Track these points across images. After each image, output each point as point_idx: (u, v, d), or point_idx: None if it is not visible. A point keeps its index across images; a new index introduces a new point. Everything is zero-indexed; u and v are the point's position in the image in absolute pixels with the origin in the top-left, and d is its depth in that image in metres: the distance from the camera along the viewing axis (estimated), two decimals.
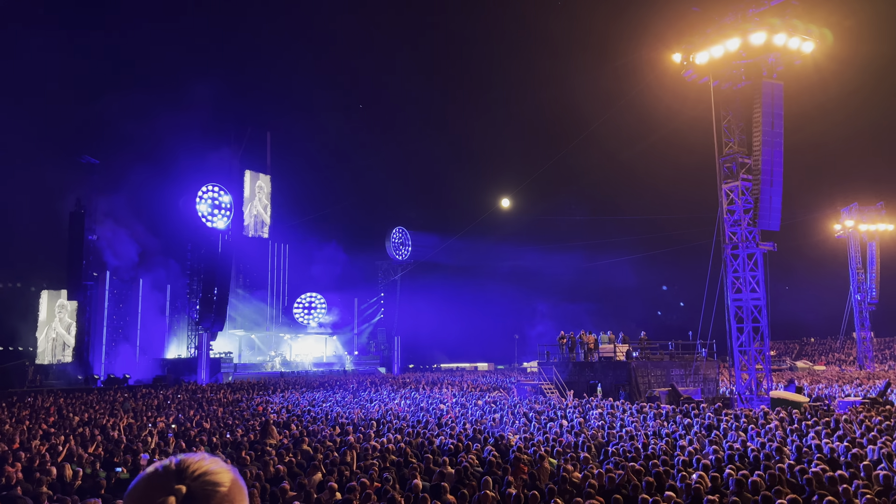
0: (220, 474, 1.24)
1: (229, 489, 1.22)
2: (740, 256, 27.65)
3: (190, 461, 1.23)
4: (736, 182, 27.81)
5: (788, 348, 79.72)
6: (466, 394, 29.88)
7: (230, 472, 1.26)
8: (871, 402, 23.48)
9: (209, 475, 1.22)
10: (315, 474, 10.61)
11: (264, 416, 20.16)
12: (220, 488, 1.21)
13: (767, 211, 27.00)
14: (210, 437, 15.72)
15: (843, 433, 13.92)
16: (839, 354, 70.65)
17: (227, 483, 1.23)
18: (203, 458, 1.25)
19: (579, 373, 32.21)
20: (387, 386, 37.49)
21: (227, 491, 1.22)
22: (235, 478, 1.26)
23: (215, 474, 1.23)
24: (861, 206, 59.96)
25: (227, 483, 1.23)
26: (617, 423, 17.32)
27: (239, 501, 1.24)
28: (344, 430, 17.04)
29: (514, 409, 21.32)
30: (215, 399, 27.67)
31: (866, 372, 46.52)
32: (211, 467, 1.24)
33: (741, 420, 17.31)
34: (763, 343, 27.41)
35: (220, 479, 1.23)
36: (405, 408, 22.85)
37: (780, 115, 27.08)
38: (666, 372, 31.41)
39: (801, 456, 11.68)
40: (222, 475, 1.24)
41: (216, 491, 1.20)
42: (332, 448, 13.66)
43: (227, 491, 1.21)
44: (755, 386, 27.00)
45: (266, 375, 55.08)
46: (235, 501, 1.23)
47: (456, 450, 13.02)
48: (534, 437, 14.99)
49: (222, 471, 1.24)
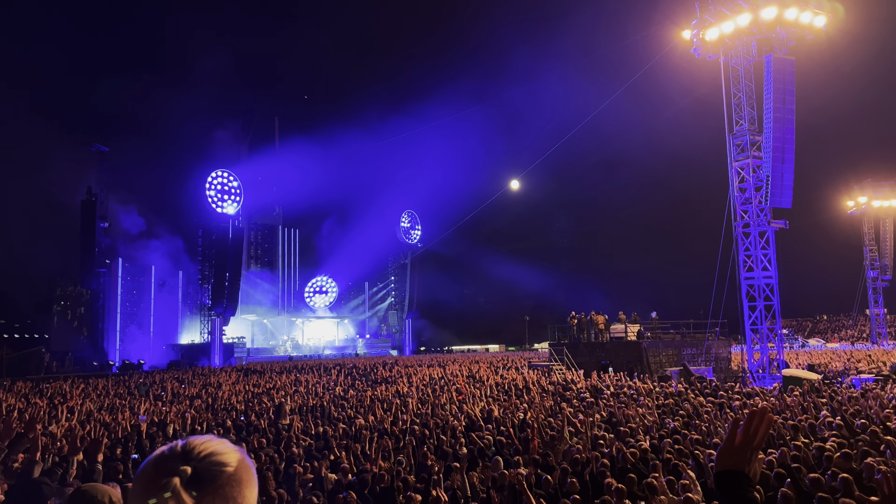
0: (227, 455, 1.24)
1: (236, 469, 1.23)
2: (752, 234, 27.50)
3: (196, 442, 1.24)
4: (747, 160, 27.59)
5: (801, 326, 79.41)
6: (479, 373, 29.96)
7: (237, 452, 1.27)
8: (884, 378, 23.40)
9: (215, 455, 1.22)
10: (329, 456, 10.70)
11: (279, 399, 20.32)
12: (227, 468, 1.21)
13: (779, 188, 26.81)
14: (224, 420, 15.87)
15: (858, 409, 13.88)
16: (852, 332, 70.31)
17: (233, 463, 1.23)
18: (210, 440, 1.26)
19: (590, 353, 32.24)
20: (400, 367, 37.67)
21: (234, 471, 1.22)
22: (243, 458, 1.27)
23: (221, 454, 1.23)
24: (874, 183, 59.36)
25: (234, 463, 1.23)
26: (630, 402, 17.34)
27: (246, 482, 1.24)
28: (357, 411, 17.15)
29: (526, 388, 21.37)
30: (228, 382, 27.91)
31: (881, 350, 46.29)
32: (217, 448, 1.24)
33: (754, 398, 17.30)
34: (775, 321, 27.33)
35: (227, 460, 1.23)
36: (420, 385, 22.96)
37: (791, 92, 26.78)
38: (677, 351, 31.40)
39: (816, 433, 11.67)
40: (229, 455, 1.24)
41: (222, 471, 1.21)
42: (347, 430, 13.77)
43: (233, 471, 1.22)
44: (767, 364, 26.96)
45: (278, 359, 55.46)
46: (243, 482, 1.23)
47: (470, 429, 13.09)
48: (546, 415, 15.03)
49: (229, 451, 1.25)
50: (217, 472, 1.20)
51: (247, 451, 8.60)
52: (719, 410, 15.14)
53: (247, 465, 1.26)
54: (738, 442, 2.06)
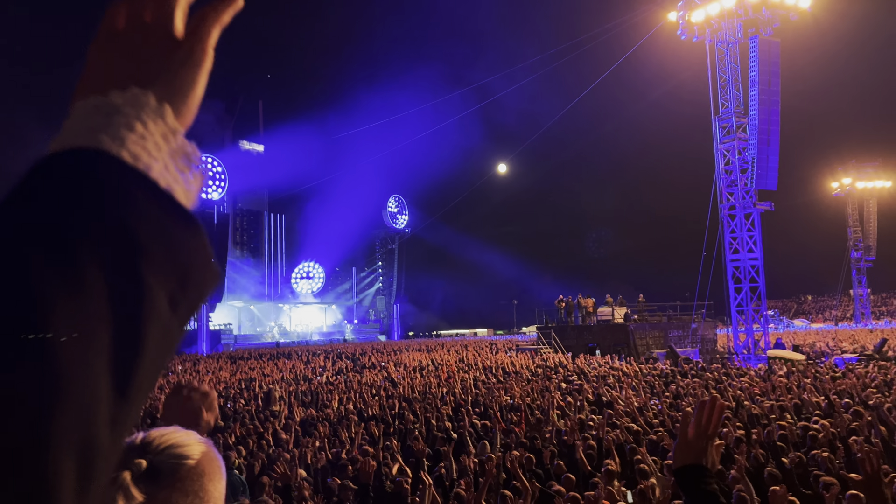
0: (189, 447, 1.17)
1: (198, 462, 1.16)
2: (738, 217, 27.62)
3: (156, 434, 1.18)
4: (732, 142, 27.66)
5: (786, 307, 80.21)
6: (467, 357, 30.04)
7: (202, 445, 1.20)
8: (867, 358, 23.67)
9: (176, 448, 1.16)
10: (315, 443, 10.68)
11: (267, 385, 20.28)
12: (188, 461, 1.15)
13: (764, 170, 26.91)
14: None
15: (842, 389, 14.03)
16: (836, 312, 71.13)
17: (195, 456, 1.16)
18: (174, 432, 1.20)
19: (577, 336, 32.38)
20: (389, 353, 37.71)
21: (196, 464, 1.15)
22: (208, 451, 1.20)
23: (183, 447, 1.17)
24: (859, 164, 59.82)
25: (196, 456, 1.16)
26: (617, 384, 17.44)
27: (210, 475, 1.17)
28: (346, 396, 17.15)
29: (515, 372, 21.45)
30: (216, 369, 27.82)
31: (864, 329, 46.87)
32: (179, 440, 1.18)
33: (739, 379, 17.44)
34: (760, 303, 27.54)
35: (188, 452, 1.16)
36: (410, 369, 23.01)
37: (776, 73, 26.82)
38: (664, 333, 31.60)
39: (801, 412, 11.78)
40: (191, 448, 1.17)
41: (182, 464, 1.14)
42: (333, 415, 13.76)
43: (195, 464, 1.15)
44: (753, 345, 27.21)
45: (265, 346, 55.35)
46: (205, 475, 1.16)
47: (457, 412, 13.11)
48: (533, 397, 15.08)
49: (192, 444, 1.18)
50: (176, 464, 1.14)
51: (235, 438, 8.53)
52: (705, 390, 15.25)
53: (211, 459, 1.20)
54: (692, 435, 2.05)
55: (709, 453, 2.04)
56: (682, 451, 2.07)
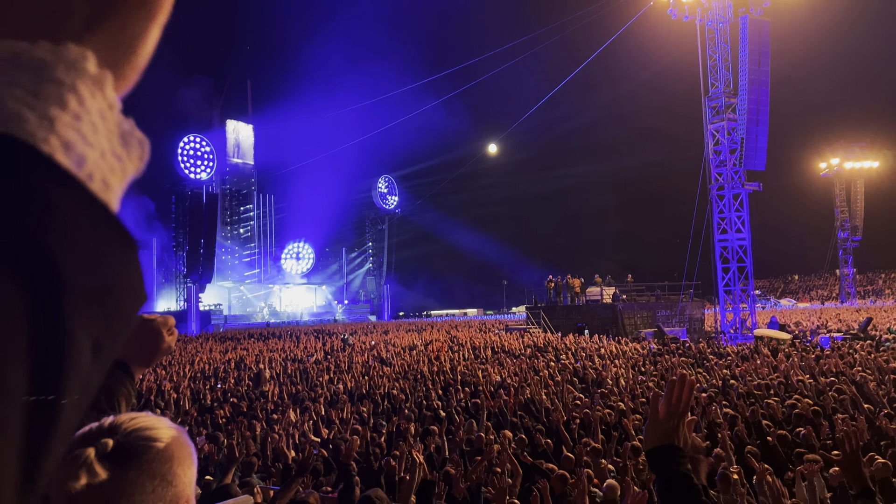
0: (158, 430, 1.16)
1: (167, 445, 1.15)
2: (726, 197, 27.73)
3: (125, 418, 1.17)
4: (722, 122, 27.68)
5: (773, 286, 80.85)
6: (457, 337, 30.16)
7: (173, 430, 1.19)
8: (852, 337, 23.95)
9: (144, 430, 1.15)
10: (308, 421, 10.74)
11: (257, 366, 20.30)
12: (156, 444, 1.13)
13: (753, 151, 26.98)
14: (203, 388, 15.83)
15: (828, 368, 14.20)
16: (822, 291, 71.77)
17: (164, 439, 1.15)
18: (145, 416, 1.19)
19: (566, 316, 32.56)
20: (380, 332, 37.78)
21: (165, 448, 1.14)
22: (178, 436, 1.19)
23: (152, 430, 1.16)
24: (847, 145, 60.05)
25: (166, 439, 1.15)
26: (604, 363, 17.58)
27: (179, 459, 1.15)
28: (337, 376, 17.21)
29: (504, 351, 21.57)
30: (206, 349, 27.80)
31: (850, 308, 47.36)
32: (148, 423, 1.17)
33: (726, 358, 17.62)
34: (748, 282, 27.75)
35: (157, 435, 1.15)
36: (399, 348, 23.09)
37: (766, 54, 26.80)
38: (652, 313, 31.83)
39: (787, 391, 11.93)
40: (160, 431, 1.16)
41: (150, 446, 1.13)
42: (325, 395, 13.81)
43: (163, 447, 1.14)
44: (740, 324, 27.45)
45: (255, 326, 55.35)
46: (174, 459, 1.15)
47: (446, 392, 13.19)
48: (522, 376, 15.18)
49: (162, 427, 1.18)
50: (144, 446, 1.13)
51: (227, 418, 8.52)
52: (692, 369, 15.40)
53: (182, 444, 1.19)
54: (663, 414, 2.01)
55: (680, 432, 2.00)
56: (653, 431, 2.02)
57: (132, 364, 1.78)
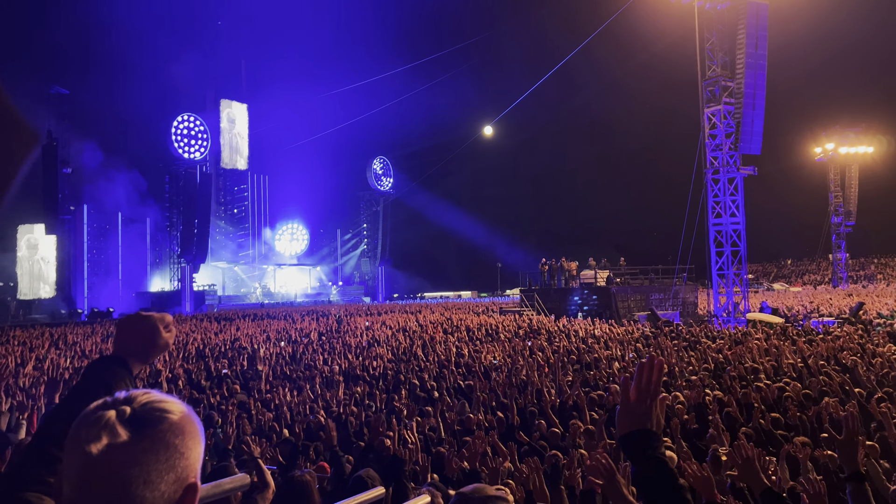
0: (171, 404, 1.20)
1: (180, 419, 1.19)
2: (721, 181, 27.76)
3: (138, 392, 1.21)
4: (718, 106, 27.64)
5: (766, 271, 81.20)
6: (451, 319, 30.24)
7: (184, 406, 1.23)
8: (844, 321, 24.14)
9: (158, 403, 1.19)
10: (302, 402, 10.80)
11: (251, 346, 20.33)
12: (170, 415, 1.18)
13: (749, 135, 26.97)
14: (198, 368, 15.86)
15: (819, 352, 14.31)
16: (815, 276, 72.13)
17: (177, 412, 1.19)
18: (156, 392, 1.23)
19: (560, 299, 32.69)
20: (373, 314, 37.83)
21: (178, 420, 1.18)
22: (189, 412, 1.23)
23: (165, 403, 1.20)
24: (842, 129, 60.07)
25: (178, 413, 1.20)
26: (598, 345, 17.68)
27: (191, 433, 1.19)
28: (331, 357, 17.26)
29: (498, 333, 21.66)
30: (200, 329, 27.80)
31: (842, 292, 47.64)
32: (161, 398, 1.21)
33: (718, 341, 17.74)
34: (741, 266, 27.86)
35: (170, 408, 1.19)
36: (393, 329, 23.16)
37: (764, 37, 26.70)
38: (646, 296, 31.97)
39: (777, 374, 12.04)
40: (173, 405, 1.20)
41: (165, 417, 1.17)
42: (318, 375, 13.87)
43: (177, 420, 1.18)
44: (733, 308, 27.60)
45: (250, 307, 55.33)
46: (186, 433, 1.19)
47: (440, 373, 13.26)
48: (515, 358, 15.27)
49: (174, 402, 1.22)
50: (160, 417, 1.17)
51: (219, 398, 8.54)
52: (685, 352, 15.49)
53: (192, 419, 1.22)
54: (634, 398, 1.96)
55: (653, 415, 1.95)
56: (625, 416, 1.97)
57: (130, 360, 1.81)
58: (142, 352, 1.88)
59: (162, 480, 1.14)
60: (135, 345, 1.86)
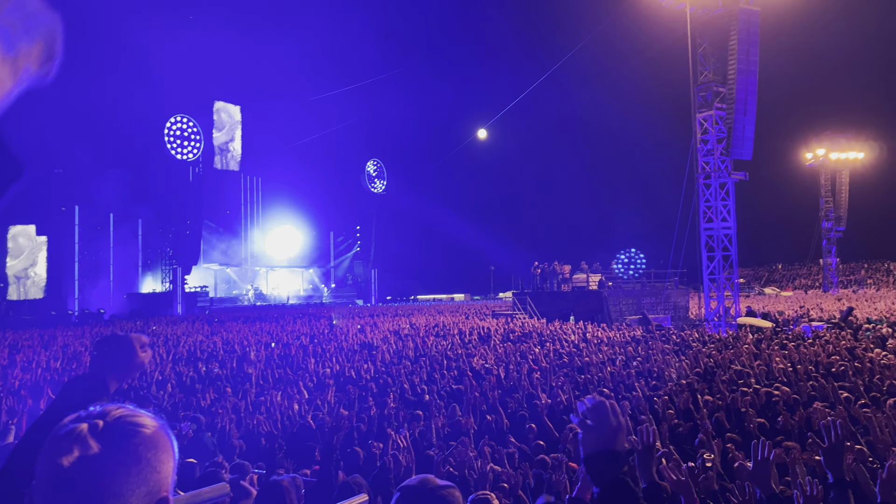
0: (144, 418, 1.21)
1: (153, 433, 1.19)
2: (712, 186, 27.87)
3: (113, 406, 1.21)
4: (710, 111, 27.76)
5: (757, 275, 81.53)
6: (443, 321, 30.25)
7: (157, 421, 1.24)
8: (834, 326, 24.23)
9: (131, 417, 1.19)
10: (293, 405, 10.77)
11: (242, 348, 20.28)
12: (143, 429, 1.18)
13: (740, 140, 27.09)
14: (188, 370, 15.81)
15: (808, 356, 14.38)
16: (805, 280, 72.49)
17: (150, 427, 1.20)
18: (129, 407, 1.24)
19: (552, 302, 32.73)
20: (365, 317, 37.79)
21: (151, 434, 1.19)
22: (161, 427, 1.24)
23: (138, 417, 1.21)
24: (833, 135, 60.36)
25: (151, 427, 1.20)
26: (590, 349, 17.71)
27: (163, 447, 1.20)
28: (322, 360, 17.23)
29: (490, 336, 21.68)
30: (191, 331, 27.73)
31: (832, 297, 47.87)
32: (134, 412, 1.22)
33: (709, 345, 17.79)
34: (732, 271, 27.96)
35: (143, 422, 1.20)
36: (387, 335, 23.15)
37: (755, 43, 26.85)
38: (637, 300, 32.06)
39: (768, 378, 12.09)
40: (146, 419, 1.21)
41: (137, 431, 1.18)
42: (309, 378, 13.85)
43: (150, 434, 1.19)
44: (724, 312, 27.69)
45: (241, 309, 55.17)
46: (159, 447, 1.20)
47: (432, 377, 13.27)
48: (507, 361, 15.28)
49: (147, 417, 1.22)
50: (132, 430, 1.17)
51: (210, 400, 8.51)
52: (675, 356, 15.54)
53: (165, 434, 1.23)
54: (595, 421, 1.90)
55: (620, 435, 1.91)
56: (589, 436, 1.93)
57: (107, 379, 1.83)
58: (118, 371, 1.91)
59: (133, 494, 1.14)
60: (112, 364, 1.89)
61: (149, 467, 1.16)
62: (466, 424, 8.77)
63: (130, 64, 54.34)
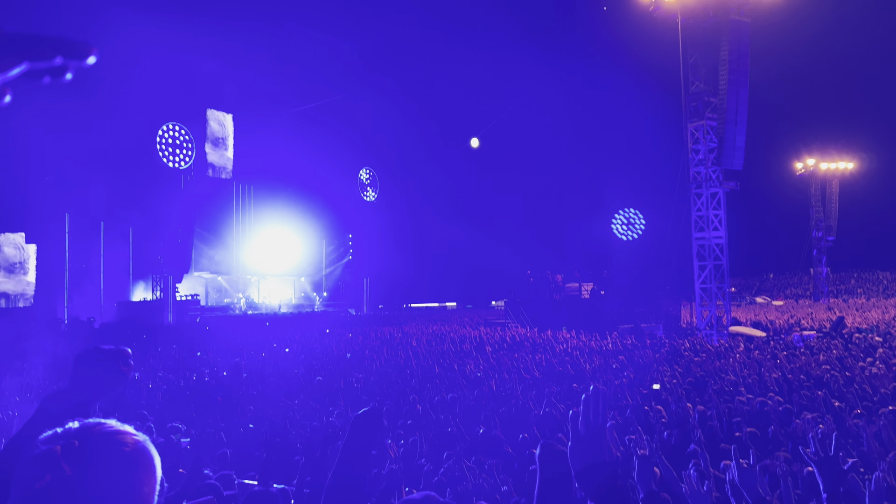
0: (124, 436, 1.18)
1: (131, 451, 1.17)
2: (703, 195, 27.99)
3: (94, 422, 1.19)
4: (701, 121, 27.92)
5: (749, 284, 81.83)
6: (436, 330, 30.19)
7: (138, 437, 1.21)
8: (825, 335, 24.34)
9: (110, 435, 1.17)
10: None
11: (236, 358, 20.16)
12: (122, 447, 1.16)
13: (731, 150, 27.23)
14: (178, 378, 15.71)
15: (800, 366, 14.42)
16: (796, 289, 72.82)
17: (129, 444, 1.17)
18: (112, 422, 1.21)
19: (545, 310, 32.72)
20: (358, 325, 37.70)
21: (130, 452, 1.16)
22: (143, 443, 1.21)
23: (118, 435, 1.18)
24: (823, 145, 60.88)
25: (130, 445, 1.18)
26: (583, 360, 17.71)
27: (144, 465, 1.17)
28: (315, 368, 17.16)
29: (483, 344, 21.65)
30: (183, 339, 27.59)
31: (823, 306, 48.09)
32: (114, 429, 1.19)
33: (701, 354, 17.83)
34: (724, 280, 28.06)
35: (122, 440, 1.17)
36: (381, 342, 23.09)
37: (746, 54, 27.04)
38: (629, 309, 32.10)
39: (759, 388, 12.11)
40: (126, 437, 1.18)
41: (115, 450, 1.15)
42: (304, 386, 13.79)
43: (129, 451, 1.16)
44: (715, 321, 27.77)
45: (232, 318, 54.94)
46: (139, 465, 1.17)
47: (424, 386, 13.23)
48: (499, 369, 15.25)
49: (128, 434, 1.20)
50: (109, 450, 1.14)
51: (200, 408, 8.44)
52: (668, 366, 15.56)
53: (148, 451, 1.20)
54: (584, 433, 1.91)
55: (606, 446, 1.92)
56: (578, 451, 1.92)
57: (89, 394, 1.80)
58: (100, 387, 1.86)
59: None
60: (93, 380, 1.85)
61: (126, 487, 1.13)
62: (458, 435, 8.74)
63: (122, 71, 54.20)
